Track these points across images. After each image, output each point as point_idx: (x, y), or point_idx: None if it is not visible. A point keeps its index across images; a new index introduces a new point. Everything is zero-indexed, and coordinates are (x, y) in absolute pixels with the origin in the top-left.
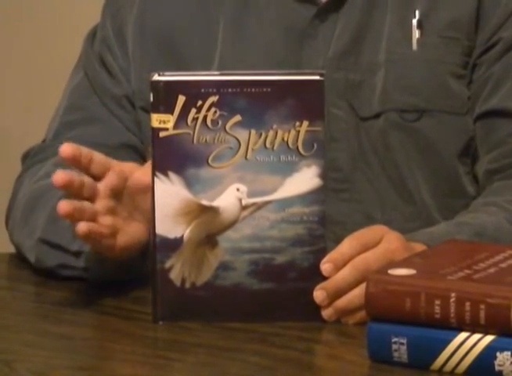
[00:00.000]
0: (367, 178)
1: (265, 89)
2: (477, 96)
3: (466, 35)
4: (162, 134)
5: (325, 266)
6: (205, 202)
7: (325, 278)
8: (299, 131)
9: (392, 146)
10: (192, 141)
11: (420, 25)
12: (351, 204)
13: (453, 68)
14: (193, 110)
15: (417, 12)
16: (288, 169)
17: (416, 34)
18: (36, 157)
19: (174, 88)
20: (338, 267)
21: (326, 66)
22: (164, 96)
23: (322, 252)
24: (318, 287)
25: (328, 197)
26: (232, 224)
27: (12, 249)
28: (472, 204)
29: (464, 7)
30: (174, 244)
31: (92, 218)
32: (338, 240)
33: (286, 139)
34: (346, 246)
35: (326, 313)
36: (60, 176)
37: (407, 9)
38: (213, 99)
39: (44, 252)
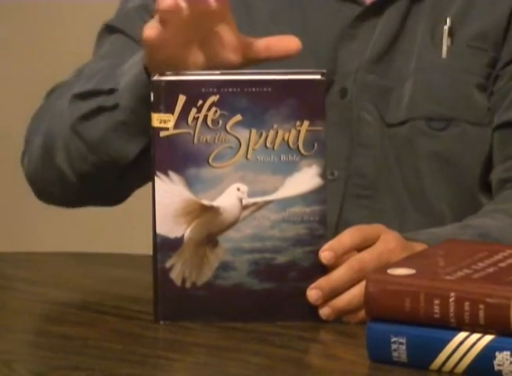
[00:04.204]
0: (387, 188)
1: (265, 89)
2: (496, 107)
3: (493, 47)
4: (162, 134)
5: (324, 254)
6: (206, 202)
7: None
8: (300, 131)
9: (415, 155)
10: (193, 141)
11: (450, 33)
12: (370, 211)
13: (478, 79)
14: (194, 110)
15: (448, 20)
16: (289, 169)
17: (447, 41)
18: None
19: (175, 87)
20: (337, 255)
21: (361, 68)
22: (165, 96)
23: None
24: (312, 286)
25: (348, 201)
26: (232, 224)
27: (12, 248)
28: (481, 210)
29: (495, 18)
30: (174, 244)
31: None
32: None
33: (286, 138)
34: (346, 236)
35: (323, 312)
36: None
37: (439, 17)
38: (213, 98)
39: (77, 105)
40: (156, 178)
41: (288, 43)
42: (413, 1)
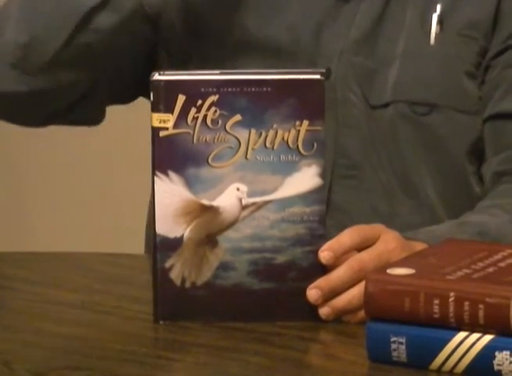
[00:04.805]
0: (374, 169)
1: (265, 89)
2: (488, 98)
3: (483, 36)
4: (162, 133)
5: (324, 254)
6: (205, 202)
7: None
8: (299, 131)
9: (399, 139)
10: (193, 140)
11: (440, 21)
12: (358, 192)
13: (468, 67)
14: (193, 110)
15: (439, 7)
16: (288, 169)
17: (436, 29)
18: None
19: (175, 87)
20: (337, 255)
21: (346, 49)
22: (164, 96)
23: None
24: (311, 286)
25: (335, 183)
26: (232, 224)
27: (11, 248)
28: (477, 205)
29: (485, 7)
30: (174, 244)
31: None
32: (341, 228)
33: (286, 138)
34: (346, 236)
35: (323, 312)
36: None
37: (429, 3)
38: (213, 98)
39: None
40: (155, 178)
41: None
42: None
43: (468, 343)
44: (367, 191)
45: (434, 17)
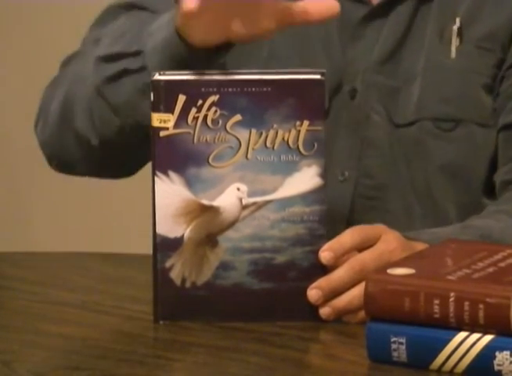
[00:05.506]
0: (395, 187)
1: (265, 89)
2: (501, 109)
3: (500, 48)
4: (162, 133)
5: (324, 254)
6: (205, 202)
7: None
8: (299, 131)
9: (424, 157)
10: (193, 140)
11: (459, 33)
12: (379, 212)
13: (485, 80)
14: (194, 110)
15: (458, 20)
16: (288, 169)
17: (456, 41)
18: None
19: (175, 87)
20: (337, 255)
21: (369, 69)
22: (165, 96)
23: None
24: (312, 285)
25: (358, 203)
26: (232, 224)
27: (11, 248)
28: (483, 211)
29: (502, 19)
30: (174, 244)
31: None
32: None
33: (286, 138)
34: (347, 236)
35: (323, 312)
36: None
37: (448, 17)
38: (213, 98)
39: (102, 67)
40: (156, 178)
41: (326, 7)
42: (421, 2)
43: (468, 343)
44: (387, 212)
45: (454, 30)
